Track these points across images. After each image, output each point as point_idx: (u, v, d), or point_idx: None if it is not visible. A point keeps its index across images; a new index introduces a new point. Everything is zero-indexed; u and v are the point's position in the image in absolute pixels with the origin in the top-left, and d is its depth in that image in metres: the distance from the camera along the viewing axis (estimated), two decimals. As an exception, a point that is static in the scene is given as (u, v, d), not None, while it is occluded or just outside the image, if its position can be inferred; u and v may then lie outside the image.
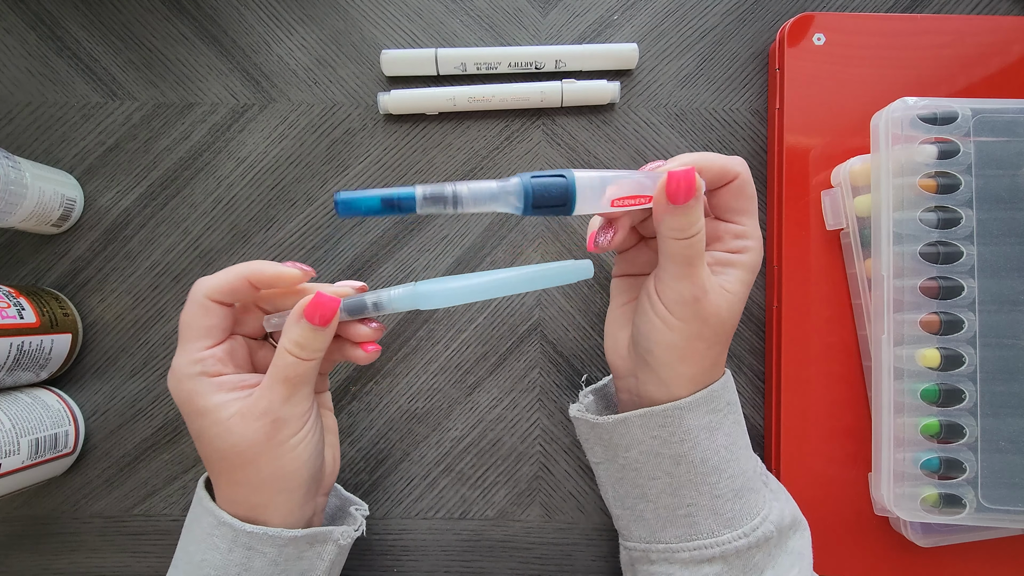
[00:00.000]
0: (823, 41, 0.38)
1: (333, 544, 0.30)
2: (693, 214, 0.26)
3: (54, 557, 0.39)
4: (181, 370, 0.27)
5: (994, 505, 0.33)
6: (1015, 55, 0.38)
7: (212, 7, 0.41)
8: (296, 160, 0.40)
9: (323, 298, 0.27)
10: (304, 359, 0.27)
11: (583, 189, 0.26)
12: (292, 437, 0.27)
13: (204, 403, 0.27)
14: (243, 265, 0.28)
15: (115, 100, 0.40)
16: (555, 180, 0.25)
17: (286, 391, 0.27)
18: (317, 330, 0.27)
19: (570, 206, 0.26)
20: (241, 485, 0.28)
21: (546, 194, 0.25)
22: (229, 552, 0.28)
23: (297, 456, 0.28)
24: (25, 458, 0.34)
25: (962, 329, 0.33)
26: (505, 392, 0.40)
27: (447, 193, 0.25)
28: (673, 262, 0.27)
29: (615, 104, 0.41)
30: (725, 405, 0.30)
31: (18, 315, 0.34)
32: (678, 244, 0.27)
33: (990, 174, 0.33)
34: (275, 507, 0.28)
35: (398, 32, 0.41)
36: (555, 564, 0.39)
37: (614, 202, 0.26)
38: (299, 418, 0.28)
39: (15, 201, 0.34)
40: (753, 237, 0.29)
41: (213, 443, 0.27)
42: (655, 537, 0.30)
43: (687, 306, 0.27)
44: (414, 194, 0.25)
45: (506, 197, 0.26)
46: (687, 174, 0.26)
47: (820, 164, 0.38)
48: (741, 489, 0.29)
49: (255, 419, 0.27)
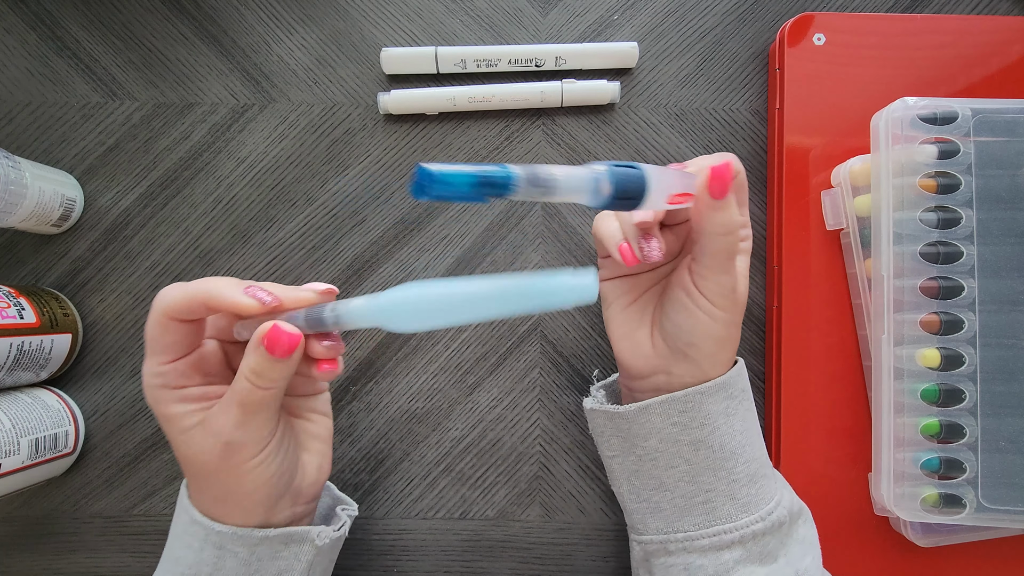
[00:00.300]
0: (823, 41, 0.38)
1: (310, 544, 0.29)
2: (733, 209, 0.27)
3: (54, 557, 0.39)
4: (145, 380, 0.27)
5: (994, 505, 0.33)
6: (1015, 55, 0.38)
7: (212, 7, 0.41)
8: (296, 160, 0.40)
9: (278, 331, 0.25)
10: (261, 388, 0.25)
11: (653, 183, 0.25)
12: (248, 461, 0.26)
13: (167, 411, 0.26)
14: (204, 285, 0.26)
15: (115, 100, 0.40)
16: (633, 172, 0.24)
17: (240, 416, 0.26)
18: (276, 361, 0.25)
19: (642, 199, 0.24)
20: (204, 492, 0.28)
21: (628, 185, 0.24)
22: (201, 551, 0.27)
23: (256, 477, 0.27)
24: (25, 458, 0.34)
25: (962, 329, 0.33)
26: (505, 392, 0.40)
27: (545, 176, 0.22)
28: (716, 257, 0.28)
29: (615, 104, 0.41)
30: (740, 391, 0.31)
31: (18, 315, 0.34)
32: (722, 239, 0.27)
33: (990, 174, 0.33)
34: (241, 515, 0.28)
35: (398, 32, 0.41)
36: (555, 564, 0.39)
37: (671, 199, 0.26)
38: (256, 443, 0.26)
39: (15, 201, 0.34)
40: (748, 225, 0.31)
41: (179, 449, 0.27)
42: (673, 527, 0.30)
43: (728, 297, 0.28)
44: (513, 176, 0.21)
45: (595, 185, 0.23)
46: (727, 168, 0.26)
47: (820, 164, 0.38)
48: (755, 474, 0.30)
49: (211, 436, 0.26)
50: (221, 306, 0.25)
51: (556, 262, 0.40)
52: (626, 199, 0.24)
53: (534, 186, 0.22)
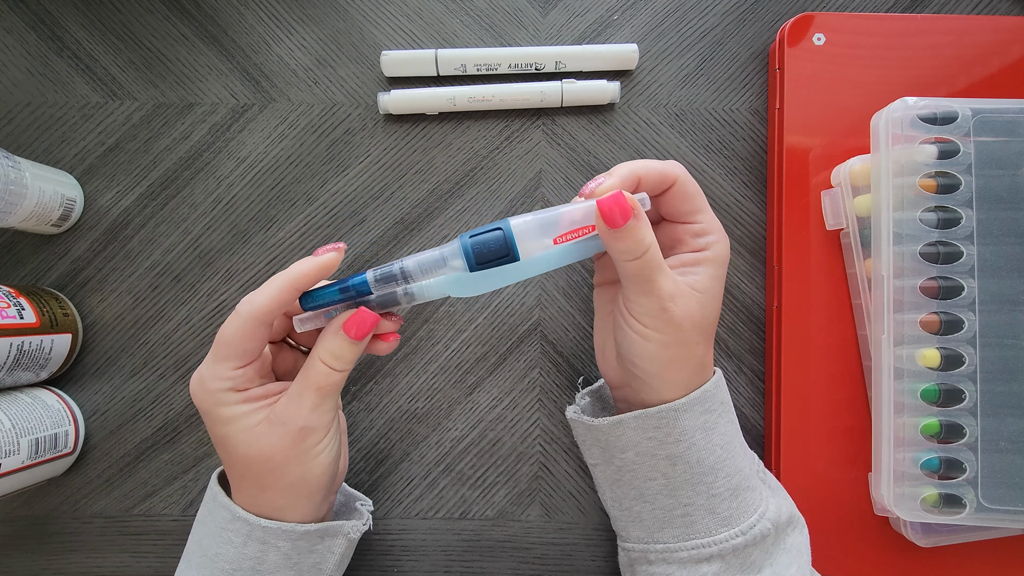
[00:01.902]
0: (823, 41, 0.38)
1: (343, 537, 0.31)
2: (637, 234, 0.26)
3: (54, 557, 0.39)
4: (208, 383, 0.27)
5: (994, 505, 0.33)
6: (1015, 55, 0.38)
7: (212, 7, 0.41)
8: (296, 160, 0.40)
9: (365, 314, 0.27)
10: (338, 370, 0.27)
11: (522, 236, 0.26)
12: (317, 444, 0.28)
13: (230, 412, 0.27)
14: (285, 275, 0.27)
15: (115, 100, 0.40)
16: (492, 235, 0.26)
17: (316, 400, 0.27)
18: (353, 343, 0.27)
19: (514, 255, 0.26)
20: (266, 489, 0.28)
21: (486, 249, 0.26)
22: (244, 546, 0.28)
23: (321, 462, 0.28)
24: (25, 458, 0.34)
25: (962, 329, 0.33)
26: (505, 392, 0.40)
27: (395, 271, 0.27)
28: (632, 281, 0.27)
29: (615, 104, 0.41)
30: (719, 404, 0.30)
31: (18, 315, 0.34)
32: (632, 265, 0.27)
33: (990, 174, 0.33)
34: (297, 508, 0.29)
35: (398, 32, 0.41)
36: (555, 564, 0.39)
37: (557, 239, 0.27)
38: (325, 427, 0.28)
39: (15, 201, 0.34)
40: (713, 230, 0.29)
41: (239, 449, 0.27)
42: (653, 538, 0.30)
43: (657, 317, 0.27)
44: (366, 278, 0.27)
45: (451, 261, 0.27)
46: (616, 198, 0.26)
47: (820, 164, 0.38)
48: (737, 488, 0.29)
49: (282, 426, 0.27)
50: (309, 278, 0.27)
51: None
52: (496, 259, 0.26)
53: (387, 282, 0.27)
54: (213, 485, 0.30)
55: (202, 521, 0.30)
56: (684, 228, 0.30)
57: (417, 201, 0.40)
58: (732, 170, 0.40)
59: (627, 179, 0.28)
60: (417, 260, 0.27)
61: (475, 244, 0.26)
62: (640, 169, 0.28)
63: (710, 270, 0.29)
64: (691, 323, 0.28)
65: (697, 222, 0.29)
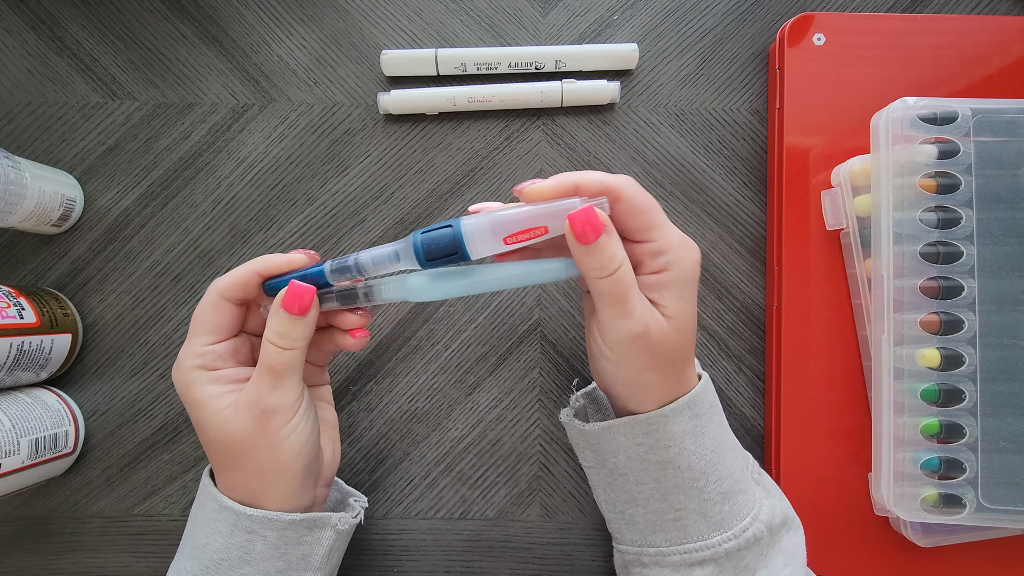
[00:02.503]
0: (823, 41, 0.38)
1: (331, 530, 0.30)
2: (608, 251, 0.26)
3: (54, 557, 0.39)
4: (183, 362, 0.28)
5: (994, 505, 0.33)
6: (1015, 55, 0.38)
7: (212, 7, 0.41)
8: (296, 160, 0.40)
9: (298, 287, 0.28)
10: (285, 348, 0.28)
11: (471, 235, 0.26)
12: (283, 427, 0.28)
13: (200, 394, 0.28)
14: (253, 261, 0.29)
15: (115, 100, 0.40)
16: (442, 232, 0.27)
17: (271, 380, 0.27)
18: (296, 319, 0.28)
19: (463, 253, 0.27)
20: (239, 473, 0.28)
21: (435, 246, 0.27)
22: (231, 536, 0.28)
23: (291, 446, 0.28)
24: (25, 458, 0.34)
25: (962, 329, 0.33)
26: (505, 392, 0.40)
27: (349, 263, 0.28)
28: (605, 302, 0.27)
29: (615, 104, 0.41)
30: (708, 408, 0.30)
31: (18, 315, 0.34)
32: (603, 283, 0.26)
33: (990, 174, 0.33)
34: (272, 494, 0.29)
35: (398, 32, 0.41)
36: (555, 564, 0.39)
37: (507, 239, 0.27)
38: (288, 408, 0.28)
39: (15, 201, 0.34)
40: (673, 246, 0.27)
41: (209, 433, 0.28)
42: (646, 541, 0.30)
43: (629, 344, 0.27)
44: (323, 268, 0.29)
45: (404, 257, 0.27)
46: (586, 213, 0.25)
47: (820, 164, 0.38)
48: (729, 491, 0.29)
49: (246, 410, 0.27)
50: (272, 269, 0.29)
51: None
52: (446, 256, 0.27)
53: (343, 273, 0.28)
54: (204, 477, 0.30)
55: (194, 512, 0.30)
56: (639, 248, 0.28)
57: (417, 201, 0.40)
58: (732, 170, 0.40)
59: (562, 187, 0.27)
60: (371, 254, 0.28)
61: (425, 240, 0.27)
62: (579, 180, 0.27)
63: (674, 291, 0.27)
64: (666, 349, 0.27)
65: (651, 239, 0.27)
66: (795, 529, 0.31)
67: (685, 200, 0.40)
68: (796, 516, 0.32)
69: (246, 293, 0.29)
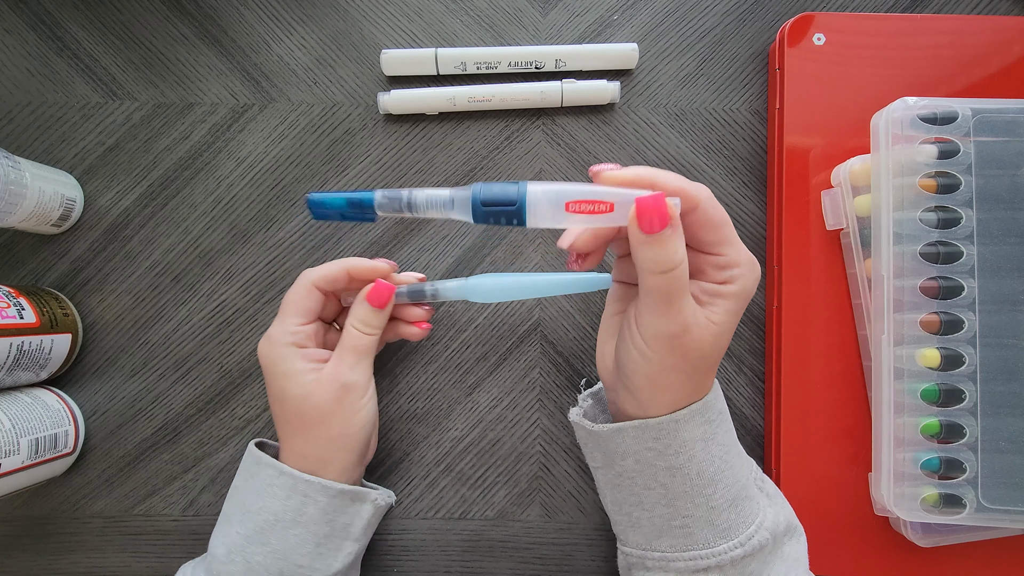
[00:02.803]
0: (823, 41, 0.38)
1: (371, 504, 0.34)
2: (671, 246, 0.25)
3: (54, 557, 0.39)
4: (277, 338, 0.32)
5: (994, 505, 0.33)
6: (1015, 55, 0.38)
7: (212, 7, 0.41)
8: (296, 160, 0.40)
9: (381, 285, 0.33)
10: (366, 333, 0.33)
11: (536, 192, 0.26)
12: (357, 401, 0.32)
13: (290, 367, 0.32)
14: (344, 260, 0.34)
15: (115, 100, 0.40)
16: (505, 186, 0.26)
17: (353, 359, 0.32)
18: (376, 311, 0.33)
19: (522, 212, 0.26)
20: (312, 440, 0.32)
21: (495, 193, 0.26)
22: (287, 499, 0.31)
23: (360, 419, 0.33)
24: (25, 458, 0.34)
25: (962, 329, 0.33)
26: (505, 392, 0.40)
27: (402, 196, 0.28)
28: (652, 297, 0.26)
29: (615, 104, 0.41)
30: (718, 414, 0.29)
31: (18, 315, 0.34)
32: (657, 278, 0.25)
33: (990, 174, 0.33)
34: (336, 462, 0.32)
35: (398, 32, 0.41)
36: (555, 564, 0.39)
37: (569, 205, 0.26)
38: (364, 385, 0.33)
39: (15, 201, 0.34)
40: (739, 263, 0.27)
41: (294, 403, 0.32)
42: (651, 545, 0.30)
43: (665, 342, 0.26)
44: (373, 196, 0.28)
45: (459, 202, 0.27)
46: (656, 200, 0.24)
47: (820, 164, 0.38)
48: (736, 498, 0.29)
49: (329, 383, 0.32)
50: (361, 271, 0.33)
51: (555, 260, 0.40)
52: (501, 206, 0.26)
53: (392, 204, 0.28)
54: (254, 451, 0.33)
55: (241, 485, 0.33)
56: (705, 258, 0.27)
57: (417, 201, 0.40)
58: (732, 170, 0.40)
59: (641, 179, 0.26)
60: (426, 193, 0.28)
61: (487, 187, 0.26)
62: (658, 177, 0.26)
63: (730, 304, 0.27)
64: (698, 355, 0.27)
65: (721, 254, 0.27)
66: (798, 536, 0.31)
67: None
68: (799, 523, 0.31)
69: (334, 286, 0.34)
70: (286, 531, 0.31)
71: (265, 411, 0.39)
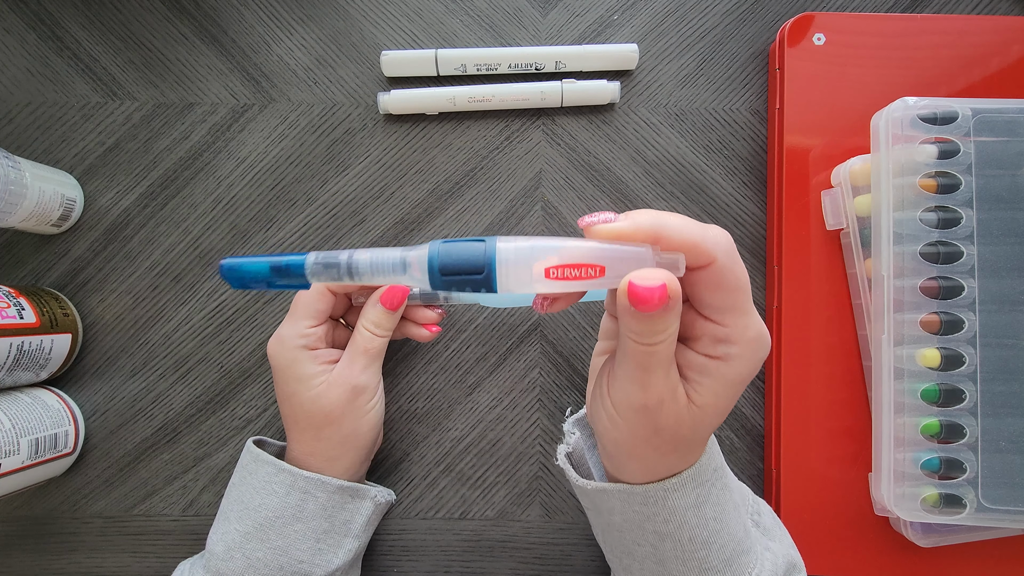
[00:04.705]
0: (823, 41, 0.38)
1: (370, 501, 0.34)
2: (661, 324, 0.21)
3: (54, 557, 0.39)
4: (288, 340, 0.32)
5: (994, 505, 0.33)
6: (1015, 55, 0.38)
7: (212, 7, 0.41)
8: (296, 160, 0.40)
9: (395, 289, 0.33)
10: (378, 335, 0.33)
11: (508, 257, 0.21)
12: (368, 402, 0.33)
13: (302, 370, 0.32)
14: None
15: (115, 100, 0.40)
16: (470, 245, 0.21)
17: (364, 361, 0.33)
18: (388, 313, 0.33)
19: (489, 275, 0.21)
20: (321, 440, 0.32)
21: (457, 259, 0.21)
22: (287, 495, 0.32)
23: (370, 419, 0.33)
24: (25, 458, 0.34)
25: (962, 329, 0.33)
26: (505, 392, 0.40)
27: (340, 261, 0.22)
28: (627, 363, 0.22)
29: (615, 104, 0.41)
30: (712, 472, 0.26)
31: (18, 315, 0.34)
32: (636, 348, 0.22)
33: (990, 174, 0.33)
34: (344, 459, 0.33)
35: (398, 32, 0.41)
36: (555, 564, 0.39)
37: (550, 271, 0.21)
38: (374, 386, 0.34)
39: (15, 201, 0.34)
40: (739, 341, 0.22)
41: (304, 405, 0.32)
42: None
43: (636, 413, 0.23)
44: (303, 261, 0.22)
45: (413, 265, 0.21)
46: (661, 289, 0.20)
47: (820, 164, 0.38)
48: (731, 556, 0.26)
49: (340, 386, 0.32)
50: None
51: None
52: (465, 274, 0.21)
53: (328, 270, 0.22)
54: (253, 449, 0.33)
55: (239, 483, 0.33)
56: (704, 324, 0.23)
57: (417, 201, 0.40)
58: (732, 170, 0.40)
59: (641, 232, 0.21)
60: (371, 256, 0.22)
61: (446, 250, 0.21)
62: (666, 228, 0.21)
63: (716, 387, 0.22)
64: (672, 433, 0.23)
65: (723, 324, 0.22)
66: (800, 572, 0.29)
67: (685, 200, 0.40)
68: (799, 557, 0.30)
69: (347, 288, 0.34)
70: (286, 527, 0.31)
71: (265, 411, 0.39)
